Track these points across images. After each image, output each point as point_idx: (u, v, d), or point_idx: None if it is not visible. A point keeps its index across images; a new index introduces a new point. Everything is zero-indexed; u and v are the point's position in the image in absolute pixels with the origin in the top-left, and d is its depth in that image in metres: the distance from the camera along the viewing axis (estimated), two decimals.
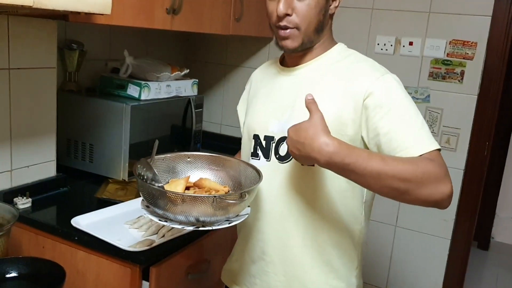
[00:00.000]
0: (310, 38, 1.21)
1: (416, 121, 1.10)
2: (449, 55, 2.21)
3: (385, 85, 1.14)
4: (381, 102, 1.12)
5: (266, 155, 1.27)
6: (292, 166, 1.22)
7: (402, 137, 1.08)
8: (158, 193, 1.07)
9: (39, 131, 1.74)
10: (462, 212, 2.32)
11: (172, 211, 1.06)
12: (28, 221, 1.55)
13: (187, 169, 1.31)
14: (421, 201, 1.02)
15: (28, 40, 1.64)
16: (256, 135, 1.30)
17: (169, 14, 1.78)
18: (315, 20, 1.19)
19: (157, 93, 2.06)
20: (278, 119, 1.25)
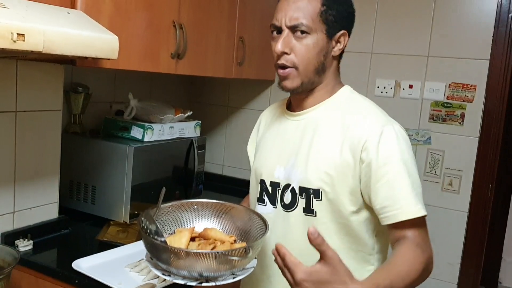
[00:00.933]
0: (310, 79, 1.20)
1: (407, 183, 1.10)
2: (449, 98, 2.24)
3: (383, 140, 1.12)
4: (375, 159, 1.11)
5: (272, 202, 1.27)
6: (297, 215, 1.21)
7: (392, 200, 1.10)
8: (161, 248, 1.06)
9: (42, 173, 1.75)
10: (467, 255, 2.29)
11: (175, 266, 1.04)
12: (29, 264, 1.54)
13: (193, 217, 1.29)
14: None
15: (36, 83, 1.67)
16: (262, 180, 1.30)
17: (173, 59, 1.82)
18: (315, 61, 1.18)
19: (161, 134, 2.08)
20: (284, 166, 1.25)
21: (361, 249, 1.20)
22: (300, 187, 1.20)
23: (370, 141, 1.12)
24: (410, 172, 1.12)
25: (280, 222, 1.24)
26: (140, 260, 1.58)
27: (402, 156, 1.13)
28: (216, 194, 2.65)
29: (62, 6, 1.34)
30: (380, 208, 1.13)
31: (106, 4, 1.49)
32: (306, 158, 1.20)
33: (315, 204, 1.18)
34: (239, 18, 2.22)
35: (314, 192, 1.18)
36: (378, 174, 1.11)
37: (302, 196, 1.20)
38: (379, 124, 1.15)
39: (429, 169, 2.31)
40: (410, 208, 1.09)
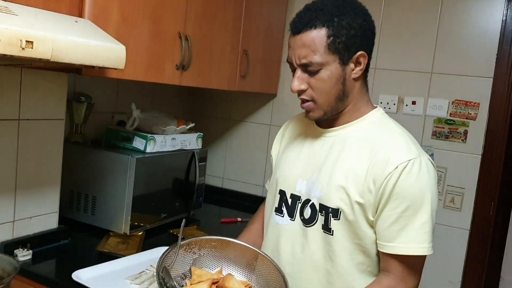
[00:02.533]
0: (332, 108, 1.19)
1: (420, 219, 1.10)
2: (452, 115, 2.24)
3: (406, 171, 1.10)
4: (392, 189, 1.10)
5: (290, 214, 1.26)
6: (315, 231, 1.20)
7: (396, 232, 1.11)
8: None
9: (43, 182, 1.73)
10: (468, 273, 2.27)
11: None
12: (28, 274, 1.52)
13: (211, 257, 1.24)
14: None
15: (39, 92, 1.66)
16: (282, 191, 1.29)
17: (178, 70, 1.82)
18: (333, 91, 1.16)
19: (163, 146, 2.07)
20: (306, 180, 1.24)
21: (370, 265, 1.20)
22: (321, 204, 1.19)
23: (394, 171, 1.10)
24: (423, 210, 1.11)
25: (299, 237, 1.23)
26: (141, 272, 1.56)
27: (422, 191, 1.11)
28: (216, 207, 2.64)
29: (70, 14, 1.35)
30: (380, 235, 1.14)
31: (113, 13, 1.49)
32: (329, 176, 1.19)
33: (333, 223, 1.17)
34: (243, 32, 2.23)
35: (332, 211, 1.17)
36: (390, 204, 1.11)
37: (322, 214, 1.19)
38: (408, 155, 1.12)
39: None
40: (406, 245, 1.11)
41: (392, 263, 1.14)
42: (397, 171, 1.10)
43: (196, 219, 2.31)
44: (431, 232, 1.12)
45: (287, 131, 1.43)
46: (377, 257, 1.19)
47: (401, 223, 1.11)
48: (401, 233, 1.11)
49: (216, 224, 2.35)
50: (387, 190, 1.10)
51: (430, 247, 1.12)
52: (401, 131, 1.20)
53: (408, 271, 1.14)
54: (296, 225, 1.24)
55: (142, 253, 1.74)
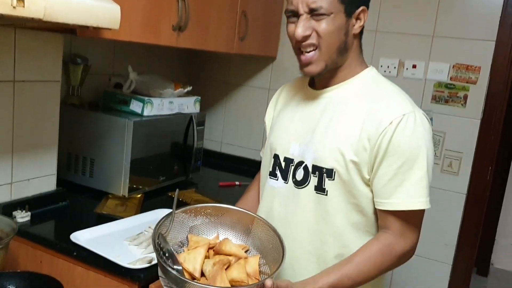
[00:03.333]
0: (333, 60, 1.18)
1: (413, 176, 1.11)
2: (453, 79, 2.21)
3: (400, 127, 1.10)
4: (387, 145, 1.11)
5: (284, 177, 1.26)
6: (308, 192, 1.21)
7: (393, 188, 1.12)
8: (179, 280, 1.01)
9: (40, 144, 1.73)
10: (463, 237, 2.30)
11: None
12: (27, 235, 1.53)
13: (207, 223, 1.24)
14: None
15: (34, 53, 1.64)
16: (276, 154, 1.29)
17: (175, 31, 1.78)
18: (336, 39, 1.15)
19: (160, 109, 2.06)
20: (299, 143, 1.24)
21: (367, 225, 1.21)
22: (314, 165, 1.19)
23: (388, 127, 1.11)
24: (419, 165, 1.12)
25: (291, 199, 1.24)
26: (139, 233, 1.57)
27: (417, 145, 1.11)
28: (214, 171, 2.64)
29: None
30: (377, 192, 1.15)
31: None
32: (323, 136, 1.19)
33: (327, 183, 1.18)
34: None
35: (327, 171, 1.17)
36: (386, 160, 1.12)
37: (314, 174, 1.19)
38: (402, 110, 1.12)
39: None
40: (404, 200, 1.12)
41: (390, 220, 1.15)
42: (392, 126, 1.10)
43: (194, 183, 2.32)
44: (428, 187, 1.13)
45: (281, 97, 1.43)
46: (374, 216, 1.20)
47: (398, 179, 1.11)
48: (399, 189, 1.11)
49: (214, 188, 2.36)
50: (383, 146, 1.11)
51: (428, 201, 1.13)
52: (395, 88, 1.21)
53: (408, 227, 1.15)
54: (289, 188, 1.24)
55: (141, 215, 1.75)
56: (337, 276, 1.10)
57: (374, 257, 1.13)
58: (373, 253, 1.14)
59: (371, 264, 1.13)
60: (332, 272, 1.12)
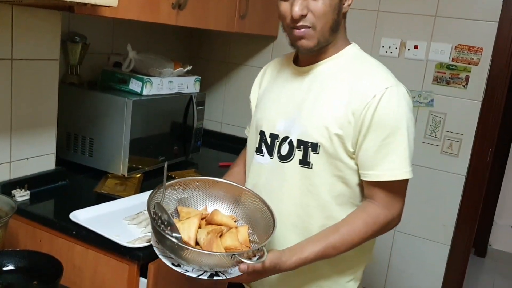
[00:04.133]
0: (325, 37, 1.20)
1: (397, 147, 1.15)
2: (454, 60, 2.19)
3: (383, 100, 1.14)
4: (371, 118, 1.14)
5: (270, 153, 1.29)
6: (292, 166, 1.23)
7: (375, 161, 1.16)
8: (176, 246, 1.04)
9: (39, 123, 1.72)
10: (462, 218, 2.31)
11: (188, 261, 1.05)
12: (26, 214, 1.54)
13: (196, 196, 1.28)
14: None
15: (32, 31, 1.62)
16: (262, 131, 1.31)
17: (174, 9, 1.76)
18: (331, 18, 1.18)
19: (159, 88, 2.04)
20: (285, 119, 1.26)
21: (351, 196, 1.24)
22: (299, 139, 1.22)
23: (372, 101, 1.14)
24: (402, 137, 1.15)
25: (276, 173, 1.27)
26: (139, 213, 1.58)
27: (400, 118, 1.15)
28: (214, 151, 2.64)
29: None
30: (362, 165, 1.18)
31: None
32: (308, 112, 1.22)
33: (312, 157, 1.21)
34: None
35: (312, 145, 1.20)
36: (370, 133, 1.15)
37: (299, 149, 1.22)
38: (384, 84, 1.16)
39: (429, 131, 2.29)
40: (389, 171, 1.16)
41: (375, 191, 1.19)
42: (375, 100, 1.14)
43: (194, 163, 2.32)
44: (410, 158, 1.17)
45: (265, 75, 1.44)
46: (358, 188, 1.24)
47: (382, 151, 1.15)
48: (383, 160, 1.15)
49: (214, 168, 2.36)
50: (367, 120, 1.14)
51: (411, 171, 1.17)
52: (377, 63, 1.24)
53: (392, 197, 1.19)
54: (274, 163, 1.27)
55: (140, 194, 1.75)
56: (323, 245, 1.15)
57: (359, 227, 1.18)
58: (359, 223, 1.18)
59: (356, 234, 1.17)
60: (318, 241, 1.16)
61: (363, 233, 1.18)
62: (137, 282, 1.40)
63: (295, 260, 1.13)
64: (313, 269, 1.23)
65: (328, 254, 1.16)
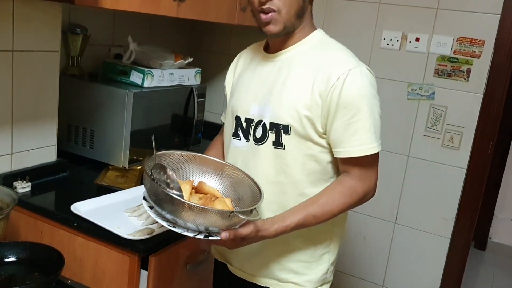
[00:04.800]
0: (291, 22, 1.25)
1: (364, 124, 1.22)
2: (456, 53, 2.19)
3: (348, 81, 1.20)
4: (338, 99, 1.20)
5: (246, 136, 1.35)
6: (266, 148, 1.29)
7: (346, 138, 1.22)
8: (176, 201, 1.07)
9: (40, 115, 1.72)
10: (462, 211, 2.31)
11: (185, 220, 1.08)
12: (27, 205, 1.54)
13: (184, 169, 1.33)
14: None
15: (32, 22, 1.62)
16: (237, 116, 1.37)
17: (175, 1, 1.75)
18: (295, 4, 1.23)
19: (160, 81, 2.04)
20: (258, 103, 1.32)
21: (321, 173, 1.30)
22: (271, 122, 1.28)
23: (336, 82, 1.20)
24: (371, 113, 1.22)
25: (252, 155, 1.33)
26: (139, 205, 1.58)
27: (364, 97, 1.22)
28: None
29: None
30: (334, 143, 1.25)
31: None
32: (278, 96, 1.28)
33: (284, 138, 1.27)
34: None
35: (283, 127, 1.26)
36: (338, 113, 1.21)
37: (272, 131, 1.28)
38: (347, 66, 1.22)
39: (430, 124, 2.29)
40: (361, 147, 1.23)
41: (349, 166, 1.27)
42: (339, 82, 1.20)
43: None
44: (377, 133, 1.25)
45: (239, 63, 1.51)
46: (330, 165, 1.30)
47: (351, 128, 1.22)
48: (353, 137, 1.22)
49: None
50: (333, 101, 1.21)
51: (379, 144, 1.25)
52: (341, 47, 1.30)
53: (365, 170, 1.27)
54: (250, 146, 1.33)
55: (141, 186, 1.75)
56: (303, 215, 1.22)
57: (337, 198, 1.25)
58: (336, 195, 1.25)
59: (334, 204, 1.25)
60: (298, 211, 1.23)
61: (341, 203, 1.25)
62: (137, 274, 1.40)
63: (277, 227, 1.20)
64: (286, 242, 1.30)
65: (308, 223, 1.23)
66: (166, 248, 1.45)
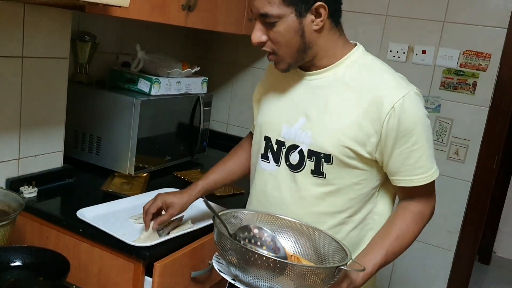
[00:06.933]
0: (296, 60, 1.19)
1: (425, 150, 1.16)
2: (462, 66, 2.19)
3: (405, 108, 1.12)
4: (397, 128, 1.12)
5: (276, 160, 1.26)
6: (304, 176, 1.21)
7: (408, 167, 1.16)
8: (282, 267, 0.95)
9: (48, 121, 1.73)
10: (467, 224, 2.30)
11: (285, 276, 0.96)
12: (33, 210, 1.55)
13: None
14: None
15: (42, 29, 1.63)
16: (267, 137, 1.29)
17: (184, 11, 1.77)
18: (293, 43, 1.15)
19: (167, 89, 2.05)
20: (290, 124, 1.23)
21: (363, 202, 1.23)
22: (310, 150, 1.19)
23: (391, 111, 1.12)
24: (428, 138, 1.17)
25: (286, 181, 1.24)
26: None
27: (424, 122, 1.15)
28: (220, 152, 2.64)
29: None
30: (393, 172, 1.18)
31: None
32: (319, 122, 1.19)
33: (326, 167, 1.18)
34: None
35: (325, 156, 1.18)
36: (398, 142, 1.14)
37: (310, 159, 1.19)
38: (400, 91, 1.13)
39: (436, 137, 2.29)
40: (424, 175, 1.17)
41: (413, 192, 1.21)
42: (395, 110, 1.12)
43: (199, 163, 2.33)
44: (433, 154, 1.19)
45: (269, 75, 1.40)
46: (373, 191, 1.23)
47: (413, 157, 1.15)
48: (415, 165, 1.16)
49: None
50: (391, 131, 1.13)
51: (437, 168, 1.20)
52: (386, 68, 1.21)
53: (429, 193, 1.23)
54: (282, 170, 1.25)
55: (146, 193, 1.76)
56: (383, 255, 1.16)
57: (411, 228, 1.20)
58: (409, 224, 1.20)
59: (409, 235, 1.20)
60: (377, 251, 1.16)
61: (416, 231, 1.21)
62: (142, 281, 1.40)
63: (362, 276, 1.13)
64: None
65: (388, 262, 1.18)
66: (171, 256, 1.45)
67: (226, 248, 1.02)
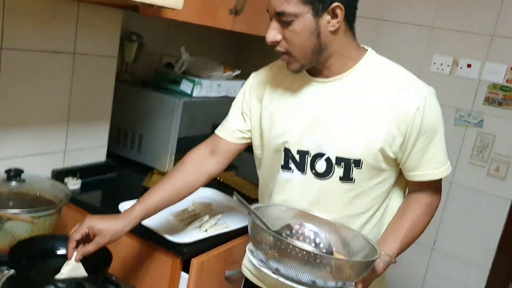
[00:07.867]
0: (310, 61, 1.16)
1: (441, 147, 1.21)
2: (509, 81, 2.15)
3: (428, 109, 1.16)
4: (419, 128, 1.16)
5: (300, 169, 1.23)
6: (332, 182, 1.20)
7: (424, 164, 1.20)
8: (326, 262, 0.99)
9: (94, 117, 1.79)
10: (504, 243, 2.25)
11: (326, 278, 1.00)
12: (77, 202, 1.60)
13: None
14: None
15: (94, 27, 1.69)
16: (287, 148, 1.24)
17: (231, 15, 1.80)
18: (308, 44, 1.13)
19: (208, 91, 2.08)
20: (312, 134, 1.21)
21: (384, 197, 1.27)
22: (338, 157, 1.18)
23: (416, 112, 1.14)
24: (441, 135, 1.21)
25: (313, 189, 1.23)
26: (184, 209, 1.62)
27: (441, 120, 1.20)
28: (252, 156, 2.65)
29: None
30: (410, 167, 1.21)
31: None
32: (344, 129, 1.17)
33: (355, 172, 1.19)
34: None
35: (354, 161, 1.18)
36: (419, 140, 1.17)
37: (339, 166, 1.19)
38: (421, 93, 1.16)
39: (476, 152, 2.25)
40: (441, 169, 1.22)
41: (424, 185, 1.25)
42: (419, 111, 1.15)
43: (234, 166, 2.34)
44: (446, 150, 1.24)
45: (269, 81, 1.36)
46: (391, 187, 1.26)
47: (430, 152, 1.19)
48: (431, 160, 1.20)
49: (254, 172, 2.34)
50: (414, 130, 1.16)
51: (450, 165, 1.25)
52: (402, 69, 1.22)
53: (438, 186, 1.28)
54: (308, 179, 1.22)
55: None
56: (398, 244, 1.20)
57: (422, 218, 1.25)
58: (420, 215, 1.25)
59: (420, 225, 1.25)
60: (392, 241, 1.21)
61: (426, 222, 1.26)
62: (178, 276, 1.43)
63: (383, 265, 1.17)
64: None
65: (402, 251, 1.22)
66: (208, 253, 1.47)
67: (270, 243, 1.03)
